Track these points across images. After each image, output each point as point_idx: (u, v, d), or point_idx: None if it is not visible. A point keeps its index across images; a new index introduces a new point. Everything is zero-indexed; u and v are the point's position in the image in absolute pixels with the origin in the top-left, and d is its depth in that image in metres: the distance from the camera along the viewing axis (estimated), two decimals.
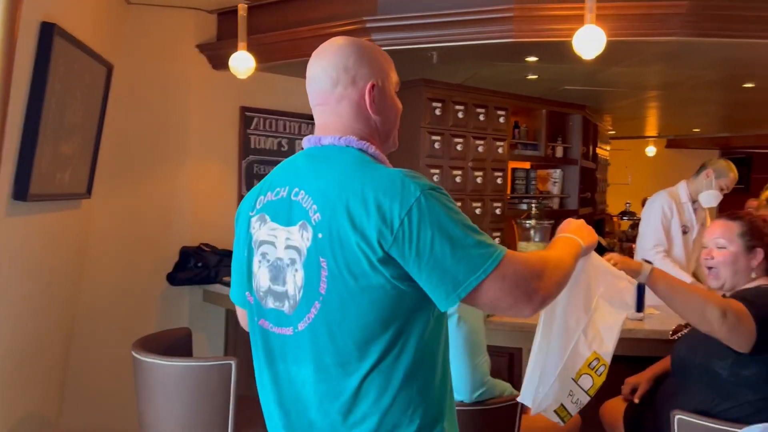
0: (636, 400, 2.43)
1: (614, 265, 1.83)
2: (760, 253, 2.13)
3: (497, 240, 4.96)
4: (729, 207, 3.83)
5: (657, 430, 2.27)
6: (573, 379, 1.74)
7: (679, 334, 2.41)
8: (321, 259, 1.25)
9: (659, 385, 2.42)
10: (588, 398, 1.77)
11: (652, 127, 8.10)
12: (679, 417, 2.11)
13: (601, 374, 1.76)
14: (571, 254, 1.46)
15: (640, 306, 3.01)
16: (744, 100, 5.33)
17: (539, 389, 1.73)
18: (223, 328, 4.21)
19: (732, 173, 3.70)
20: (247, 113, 4.31)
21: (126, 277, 3.90)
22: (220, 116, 4.23)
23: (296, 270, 1.29)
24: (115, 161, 3.76)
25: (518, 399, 1.82)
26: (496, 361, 3.19)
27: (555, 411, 1.79)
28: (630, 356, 2.48)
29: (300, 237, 1.29)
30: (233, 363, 2.52)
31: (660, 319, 3.07)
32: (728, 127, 7.89)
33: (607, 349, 1.76)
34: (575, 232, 1.54)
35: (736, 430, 1.90)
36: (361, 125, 1.38)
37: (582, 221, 1.62)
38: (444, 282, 1.21)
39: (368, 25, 3.29)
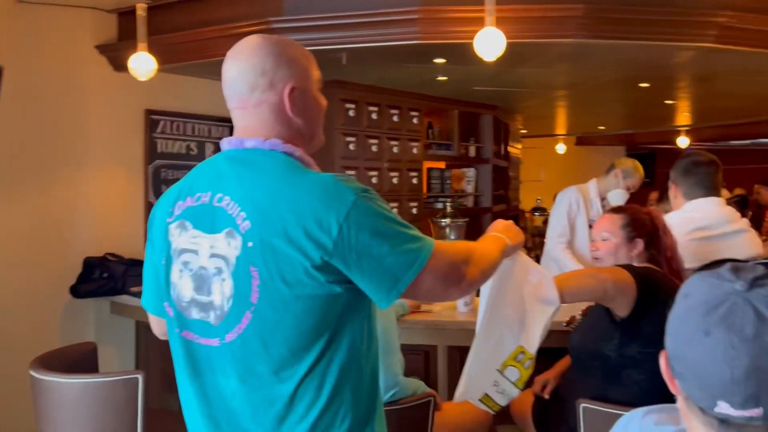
0: (546, 396, 2.51)
1: None
2: (640, 244, 2.26)
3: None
4: (635, 200, 4.06)
5: (563, 420, 2.34)
6: (498, 370, 1.79)
7: (573, 324, 2.51)
8: (252, 269, 1.22)
9: None
10: (517, 390, 1.82)
11: (561, 126, 8.42)
12: (584, 406, 2.18)
13: (528, 367, 1.82)
14: (497, 248, 1.53)
15: None
16: (642, 99, 5.63)
17: (462, 379, 1.78)
18: (133, 340, 4.04)
19: (639, 174, 3.89)
20: (152, 116, 4.16)
21: (25, 292, 3.68)
22: (123, 120, 4.07)
23: (224, 279, 1.25)
24: (10, 168, 3.56)
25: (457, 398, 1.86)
26: (412, 360, 3.21)
27: (480, 400, 1.83)
28: (541, 348, 2.55)
29: (227, 245, 1.25)
30: (140, 377, 2.42)
31: (564, 309, 3.19)
32: (631, 124, 8.31)
33: (533, 342, 1.82)
34: (503, 231, 1.62)
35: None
36: (283, 128, 1.34)
37: (511, 222, 1.68)
38: (385, 280, 1.23)
39: (274, 26, 3.24)
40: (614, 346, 2.12)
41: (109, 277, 3.76)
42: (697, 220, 2.68)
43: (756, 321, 0.79)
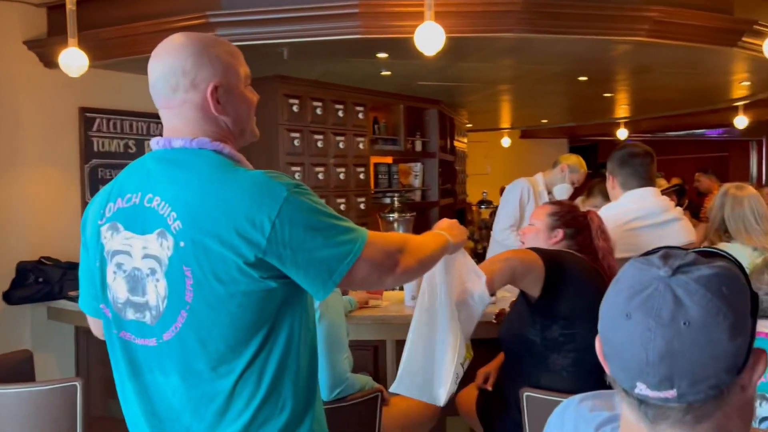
0: (489, 388, 2.54)
1: None
2: (559, 234, 2.34)
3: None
4: (578, 191, 4.17)
5: (505, 411, 2.37)
6: (461, 364, 1.88)
7: (501, 318, 2.56)
8: (185, 268, 1.22)
9: None
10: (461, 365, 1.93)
11: (505, 120, 8.54)
12: (527, 394, 2.22)
13: (470, 352, 1.94)
14: (436, 242, 1.58)
15: None
16: (582, 92, 5.75)
17: (442, 380, 1.86)
18: (73, 346, 3.91)
19: (582, 169, 4.04)
20: (87, 114, 4.02)
21: None
22: (56, 118, 3.92)
23: (158, 280, 1.25)
24: None
25: (393, 389, 1.92)
26: (361, 355, 3.21)
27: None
28: (483, 339, 2.59)
29: (159, 246, 1.25)
30: (78, 384, 2.34)
31: (509, 300, 3.24)
32: (573, 117, 8.50)
33: (468, 332, 1.94)
34: (446, 229, 1.68)
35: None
36: (210, 126, 1.34)
37: (455, 221, 1.74)
38: (320, 272, 1.25)
39: (212, 20, 3.17)
40: (537, 330, 2.18)
41: (44, 281, 3.62)
42: (633, 210, 2.75)
43: (673, 306, 0.81)
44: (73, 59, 3.16)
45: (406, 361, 1.90)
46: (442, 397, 1.88)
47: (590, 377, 2.12)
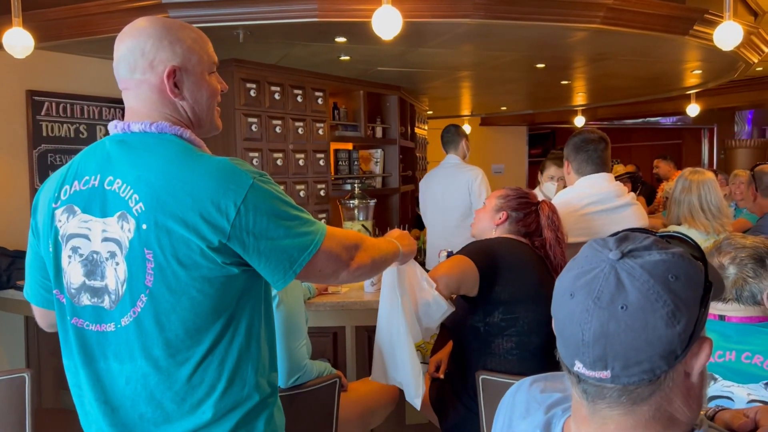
0: (441, 376, 2.56)
1: None
2: (503, 215, 2.39)
3: (323, 221, 4.98)
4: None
5: (456, 398, 2.40)
6: (422, 363, 2.03)
7: None
8: (146, 251, 1.22)
9: None
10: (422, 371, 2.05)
11: (466, 107, 8.57)
12: (483, 377, 2.25)
13: (428, 352, 2.09)
14: (389, 248, 1.65)
15: None
16: (539, 79, 5.81)
17: (414, 389, 1.98)
18: (23, 337, 3.79)
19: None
20: (35, 98, 3.88)
21: None
22: (1, 101, 3.77)
23: (117, 263, 1.24)
24: None
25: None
26: (321, 342, 3.20)
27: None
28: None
29: (119, 228, 1.24)
30: (27, 375, 2.27)
31: None
32: (532, 104, 8.58)
33: (428, 338, 2.09)
34: (398, 239, 1.76)
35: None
36: (168, 110, 1.34)
37: (406, 232, 1.85)
38: (281, 261, 1.27)
39: (164, 0, 3.08)
40: (480, 317, 2.21)
41: None
42: (588, 195, 2.79)
43: (614, 289, 0.82)
44: (18, 40, 3.04)
45: (384, 354, 2.01)
46: (419, 405, 2.00)
47: (534, 359, 2.17)
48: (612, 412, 0.84)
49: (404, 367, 1.97)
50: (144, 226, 1.22)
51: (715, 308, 1.69)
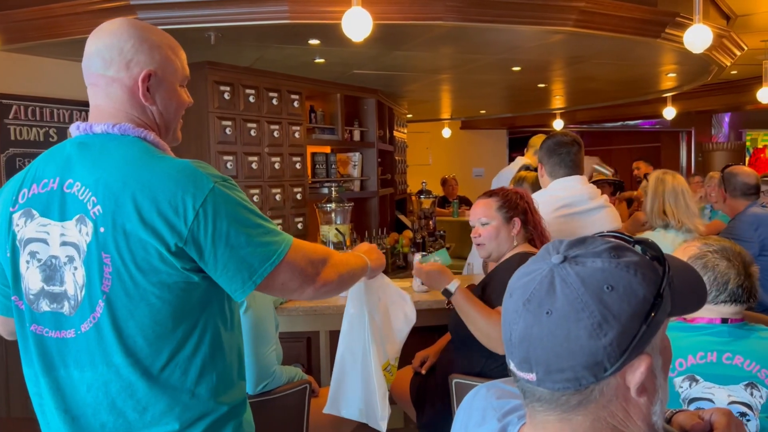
0: (423, 371, 2.54)
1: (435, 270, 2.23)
2: (518, 222, 2.32)
3: (299, 225, 4.94)
4: None
5: (440, 394, 2.38)
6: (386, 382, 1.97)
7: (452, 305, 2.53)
8: (104, 255, 1.19)
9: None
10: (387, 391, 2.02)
11: (446, 110, 8.58)
12: (456, 381, 2.24)
13: (393, 374, 2.02)
14: (357, 263, 1.59)
15: None
16: (517, 82, 5.82)
17: (379, 411, 1.93)
18: None
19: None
20: (3, 101, 3.81)
21: None
22: None
23: (75, 268, 1.21)
24: None
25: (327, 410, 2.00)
26: (294, 347, 3.17)
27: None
28: (419, 327, 2.59)
29: (77, 232, 1.21)
30: None
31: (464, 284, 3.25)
32: (511, 108, 8.61)
33: (396, 354, 2.02)
34: (366, 253, 1.70)
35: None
36: (136, 112, 1.31)
37: (374, 246, 1.79)
38: (240, 270, 1.22)
39: (132, 2, 3.04)
40: None
41: None
42: (562, 198, 2.80)
43: (545, 294, 0.80)
44: None
45: (342, 383, 1.96)
46: (384, 428, 1.94)
47: None
48: (548, 417, 0.83)
49: (370, 387, 1.91)
50: (102, 230, 1.19)
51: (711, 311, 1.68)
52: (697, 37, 3.30)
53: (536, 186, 3.59)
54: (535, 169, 3.85)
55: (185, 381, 1.25)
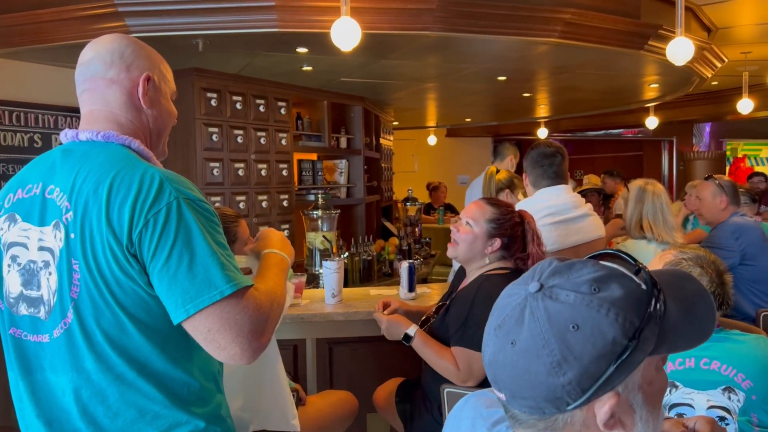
0: (386, 314, 2.50)
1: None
2: (497, 243, 2.26)
3: (286, 232, 4.93)
4: None
5: (426, 403, 2.39)
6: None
7: (432, 320, 2.44)
8: (73, 262, 1.19)
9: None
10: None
11: (431, 118, 8.62)
12: (447, 390, 2.24)
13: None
14: (284, 281, 1.43)
15: (411, 286, 3.18)
16: (501, 92, 5.87)
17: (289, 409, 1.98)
18: None
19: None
20: None
21: None
22: None
23: (50, 273, 1.22)
24: None
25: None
26: (281, 355, 3.16)
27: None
28: None
29: (53, 238, 1.22)
30: None
31: (430, 296, 3.27)
32: (496, 116, 8.66)
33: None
34: (283, 248, 1.55)
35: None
36: (130, 116, 1.33)
37: (283, 234, 1.63)
38: (174, 293, 1.17)
39: (120, 9, 3.03)
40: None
41: None
42: (546, 207, 2.83)
43: (515, 323, 0.81)
44: None
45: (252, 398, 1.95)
46: (297, 426, 1.95)
47: None
48: (528, 431, 0.84)
49: (278, 388, 1.90)
50: (72, 236, 1.20)
51: None
52: (680, 49, 3.36)
53: (508, 184, 3.66)
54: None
55: (157, 389, 1.23)
